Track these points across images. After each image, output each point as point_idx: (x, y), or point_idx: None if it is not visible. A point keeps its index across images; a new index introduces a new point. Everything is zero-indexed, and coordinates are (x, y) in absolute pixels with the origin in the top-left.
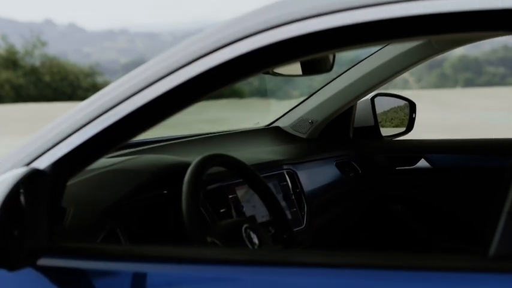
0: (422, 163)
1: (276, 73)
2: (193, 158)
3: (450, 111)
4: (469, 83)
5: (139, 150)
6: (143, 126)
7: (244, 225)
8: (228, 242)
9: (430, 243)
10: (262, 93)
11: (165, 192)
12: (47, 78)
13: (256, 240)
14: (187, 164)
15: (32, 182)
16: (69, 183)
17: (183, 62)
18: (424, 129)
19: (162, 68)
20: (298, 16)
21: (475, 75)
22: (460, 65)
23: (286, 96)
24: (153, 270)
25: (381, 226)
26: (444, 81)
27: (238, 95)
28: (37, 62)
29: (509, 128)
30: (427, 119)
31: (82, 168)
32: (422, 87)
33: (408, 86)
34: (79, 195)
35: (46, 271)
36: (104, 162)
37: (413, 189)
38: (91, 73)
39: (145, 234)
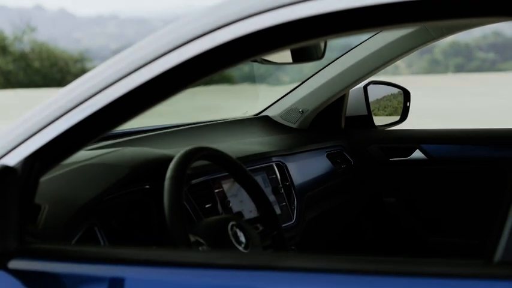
0: (418, 154)
1: (265, 61)
2: (177, 151)
3: (442, 98)
4: (460, 69)
5: (120, 142)
6: (123, 117)
7: (231, 223)
8: (213, 241)
9: (425, 238)
10: (253, 79)
11: (146, 187)
12: (37, 64)
13: (243, 239)
14: (170, 158)
15: (1, 180)
16: (43, 179)
17: (161, 51)
18: (416, 116)
19: (141, 57)
20: (286, 1)
21: (465, 61)
22: (450, 50)
23: (278, 82)
24: (132, 274)
25: (374, 220)
26: (435, 67)
27: (228, 81)
28: (26, 48)
29: (500, 114)
30: (418, 105)
31: (57, 163)
32: (413, 73)
33: (399, 72)
34: (54, 192)
35: (17, 275)
36: (81, 155)
37: (408, 182)
38: (81, 59)
39: (126, 232)
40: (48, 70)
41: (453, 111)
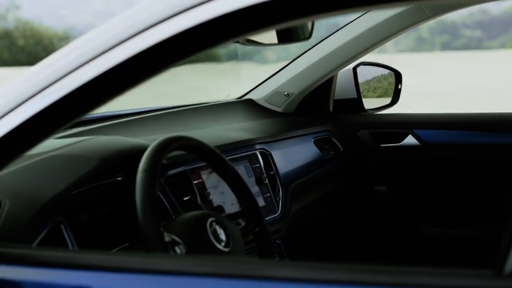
0: (410, 140)
1: (248, 41)
2: (154, 138)
3: (429, 76)
4: (446, 46)
5: (93, 128)
6: (95, 102)
7: (209, 219)
8: (190, 240)
9: (418, 228)
10: (239, 57)
11: (119, 179)
12: (21, 42)
13: (223, 236)
14: (145, 148)
15: None
16: (2, 173)
17: (138, 28)
18: (403, 94)
19: (117, 34)
20: None
21: (452, 39)
22: (437, 28)
23: (264, 61)
24: (99, 281)
25: (364, 210)
26: (421, 45)
27: (214, 59)
28: (11, 26)
29: (488, 92)
30: (405, 83)
31: (18, 155)
32: (400, 51)
33: (385, 50)
34: (15, 187)
35: None
36: (47, 145)
37: (399, 169)
38: (66, 37)
39: (98, 228)
40: (33, 48)
41: (441, 89)
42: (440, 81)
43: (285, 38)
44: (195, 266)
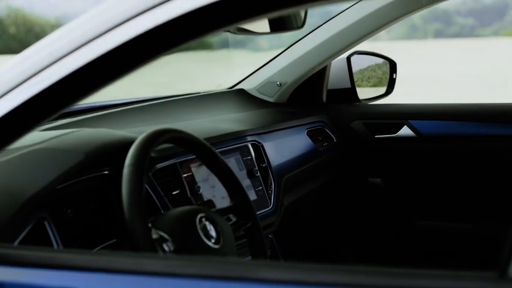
0: (405, 131)
1: (240, 30)
2: (142, 130)
3: (423, 64)
4: (439, 34)
5: (79, 120)
6: (80, 93)
7: (199, 215)
8: (179, 236)
9: (413, 221)
10: (232, 45)
11: (105, 172)
12: (12, 30)
13: (213, 233)
14: (132, 141)
15: None
16: None
17: (129, 14)
18: (397, 83)
19: (104, 21)
20: None
21: (444, 26)
22: (429, 16)
23: (258, 48)
24: (83, 282)
25: (358, 202)
26: (414, 33)
27: (207, 47)
28: (2, 14)
29: (481, 80)
30: (399, 71)
31: (1, 148)
32: (392, 39)
33: (378, 38)
34: None
35: None
36: (31, 138)
37: (394, 161)
38: (57, 24)
39: (83, 225)
40: (25, 36)
41: (434, 77)
42: (433, 68)
43: (277, 26)
44: (183, 266)
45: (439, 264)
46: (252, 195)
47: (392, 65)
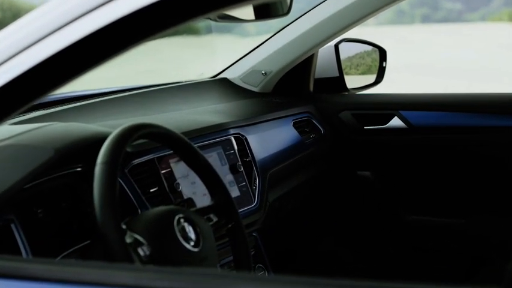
0: (396, 121)
1: (221, 18)
2: (119, 124)
3: (411, 50)
4: (426, 19)
5: (50, 113)
6: (53, 83)
7: (177, 216)
8: (155, 239)
9: (404, 216)
10: (220, 30)
11: (78, 169)
12: None
13: (192, 235)
14: (106, 136)
15: None
16: None
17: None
18: (388, 70)
19: (75, 6)
20: None
21: (432, 11)
22: (416, 0)
23: (246, 34)
24: None
25: (347, 197)
26: (401, 18)
27: (194, 32)
28: None
29: (469, 65)
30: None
31: None
32: (380, 24)
33: (364, 23)
34: None
35: None
36: None
37: (384, 153)
38: None
39: (55, 225)
40: (11, 21)
41: (422, 63)
42: (421, 54)
43: (262, 13)
44: (154, 279)
45: (430, 261)
46: (235, 192)
47: (382, 53)
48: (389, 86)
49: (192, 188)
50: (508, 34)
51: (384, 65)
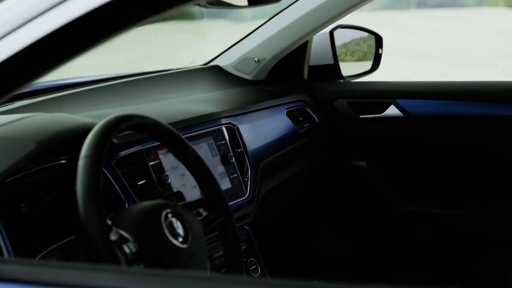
0: (392, 110)
1: (211, 4)
2: (104, 113)
3: (408, 35)
4: (422, 4)
5: (34, 103)
6: (37, 70)
7: (165, 211)
8: (141, 236)
9: (400, 207)
10: (213, 14)
11: (63, 162)
12: None
13: (180, 231)
14: (91, 127)
15: None
16: None
17: None
18: (384, 54)
19: None
20: None
21: None
22: None
23: (241, 19)
24: None
25: (342, 188)
26: (397, 3)
27: (188, 16)
28: None
29: (466, 50)
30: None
31: None
32: (375, 9)
33: (359, 8)
34: None
35: None
36: None
37: (380, 143)
38: None
39: (38, 220)
40: None
41: (418, 48)
42: (417, 39)
43: None
44: (136, 282)
45: (427, 253)
46: (226, 184)
47: (378, 40)
48: (384, 72)
49: (182, 180)
50: (504, 19)
51: (380, 52)
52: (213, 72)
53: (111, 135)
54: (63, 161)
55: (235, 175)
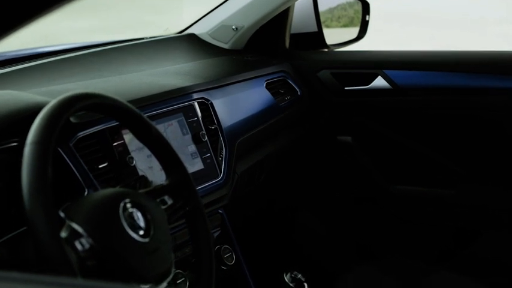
0: (379, 81)
1: None
2: (64, 88)
3: None
4: None
5: None
6: None
7: (123, 201)
8: (96, 229)
9: (386, 185)
10: None
11: (14, 144)
12: None
13: (141, 223)
14: (43, 106)
15: None
16: None
17: None
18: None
19: None
20: None
21: None
22: None
23: None
24: None
25: (326, 164)
26: None
27: None
28: None
29: (457, 14)
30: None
31: None
32: None
33: None
34: None
35: None
36: None
37: (367, 116)
38: None
39: None
40: None
41: (407, 11)
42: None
43: None
44: None
45: (415, 233)
46: (198, 165)
47: (365, 6)
48: (371, 39)
49: (148, 162)
50: None
51: (367, 18)
52: (188, 41)
53: (61, 118)
54: (14, 144)
55: (208, 155)
